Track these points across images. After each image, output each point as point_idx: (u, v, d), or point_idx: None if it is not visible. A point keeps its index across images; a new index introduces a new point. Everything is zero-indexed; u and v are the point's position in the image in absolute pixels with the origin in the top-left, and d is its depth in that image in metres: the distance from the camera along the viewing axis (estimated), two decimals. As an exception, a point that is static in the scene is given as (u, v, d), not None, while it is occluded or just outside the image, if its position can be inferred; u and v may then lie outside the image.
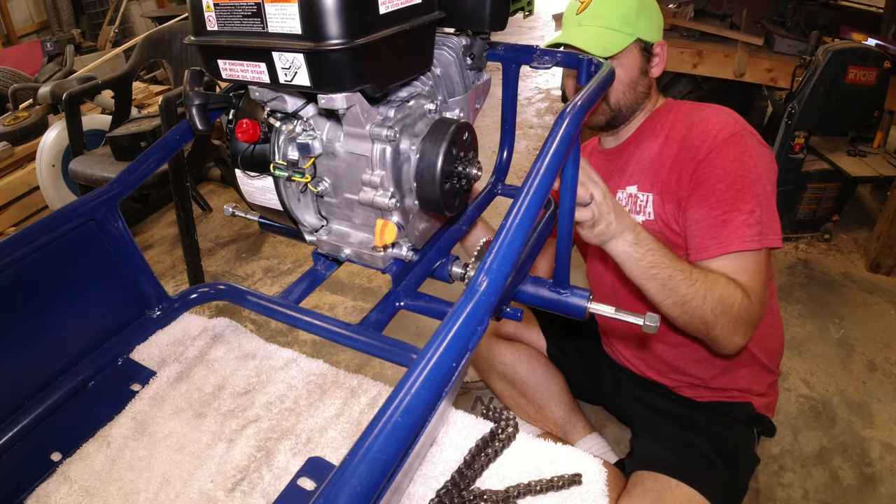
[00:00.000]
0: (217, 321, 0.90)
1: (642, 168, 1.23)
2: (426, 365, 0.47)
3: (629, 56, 1.19)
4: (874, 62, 2.37)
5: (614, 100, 1.22)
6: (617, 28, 1.17)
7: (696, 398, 1.29)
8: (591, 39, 1.15)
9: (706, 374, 1.26)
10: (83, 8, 5.78)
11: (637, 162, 1.25)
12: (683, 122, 1.19)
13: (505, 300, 0.80)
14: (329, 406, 0.74)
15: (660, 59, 1.24)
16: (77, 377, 0.79)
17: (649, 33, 1.20)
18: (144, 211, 3.26)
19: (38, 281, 0.77)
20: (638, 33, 1.18)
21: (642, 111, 1.27)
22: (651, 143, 1.23)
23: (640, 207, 1.23)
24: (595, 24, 1.18)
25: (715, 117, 1.14)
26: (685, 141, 1.15)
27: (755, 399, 1.27)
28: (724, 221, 1.05)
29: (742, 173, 1.07)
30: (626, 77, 1.20)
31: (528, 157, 3.55)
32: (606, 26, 1.17)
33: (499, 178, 1.12)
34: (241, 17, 0.63)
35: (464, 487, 0.63)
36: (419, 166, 0.74)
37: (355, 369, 2.04)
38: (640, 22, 1.18)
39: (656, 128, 1.24)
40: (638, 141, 1.27)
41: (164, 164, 0.93)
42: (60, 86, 2.80)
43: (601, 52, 1.13)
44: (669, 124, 1.22)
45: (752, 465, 1.24)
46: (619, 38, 1.16)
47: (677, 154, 1.16)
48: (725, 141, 1.09)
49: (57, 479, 0.69)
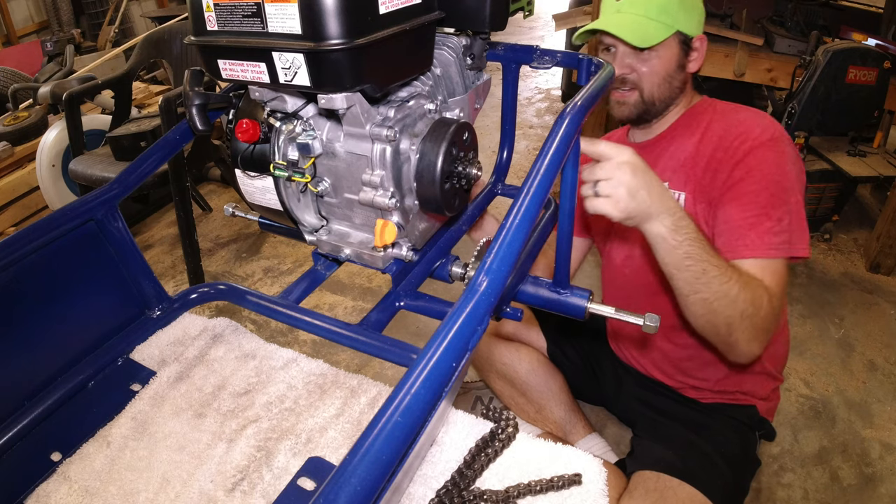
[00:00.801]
0: (217, 321, 0.90)
1: (675, 165, 1.20)
2: (426, 365, 0.47)
3: (667, 48, 1.15)
4: (874, 62, 2.37)
5: (648, 93, 1.19)
6: (656, 18, 1.13)
7: (701, 399, 1.29)
8: (629, 28, 1.12)
9: (713, 377, 1.26)
10: (83, 8, 5.77)
11: (669, 158, 1.22)
12: (721, 123, 1.16)
13: (505, 300, 0.80)
14: (329, 406, 0.74)
15: (698, 54, 1.19)
16: (77, 377, 0.79)
17: (689, 26, 1.16)
18: (144, 211, 3.26)
19: (38, 281, 0.77)
20: (678, 25, 1.14)
21: (676, 106, 1.23)
22: (685, 140, 1.20)
23: None
24: (634, 11, 1.14)
25: (754, 120, 1.12)
26: (722, 141, 1.13)
27: (759, 403, 1.27)
28: (754, 224, 1.04)
29: (778, 178, 1.05)
30: (662, 70, 1.17)
31: (528, 157, 3.55)
32: (646, 15, 1.13)
33: (499, 178, 1.12)
34: (241, 17, 0.63)
35: (464, 487, 0.63)
36: (419, 166, 0.74)
37: (355, 369, 2.04)
38: (680, 13, 1.14)
39: (691, 125, 1.21)
40: (671, 137, 1.24)
41: (164, 164, 0.93)
42: (60, 86, 2.80)
43: (638, 42, 1.11)
44: (706, 123, 1.19)
45: (754, 468, 1.24)
46: (658, 28, 1.13)
47: (713, 153, 1.13)
48: (765, 144, 1.07)
49: (57, 479, 0.69)
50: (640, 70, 1.17)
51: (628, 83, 1.19)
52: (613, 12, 1.17)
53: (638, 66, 1.17)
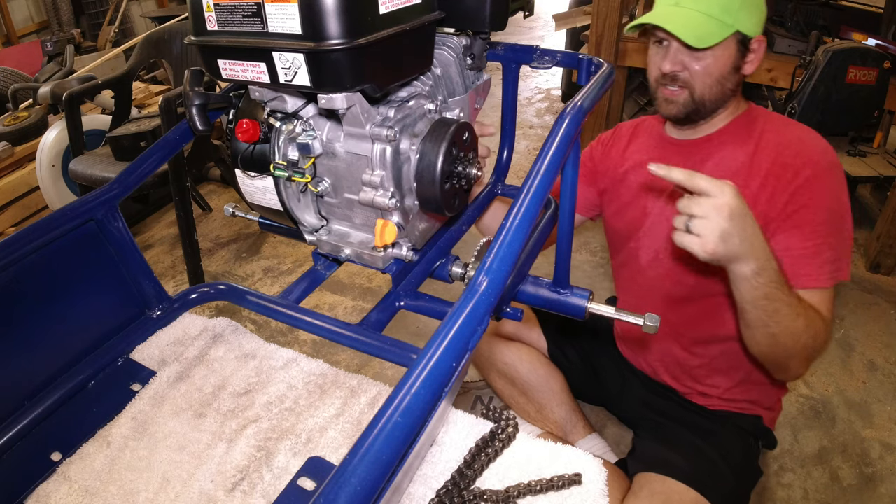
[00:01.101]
0: (217, 321, 0.90)
1: (725, 173, 1.12)
2: (426, 365, 0.47)
3: (724, 49, 1.09)
4: (874, 62, 2.37)
5: (699, 93, 1.12)
6: (717, 16, 1.06)
7: (708, 406, 1.29)
8: (687, 25, 1.06)
9: (723, 385, 1.26)
10: (83, 8, 5.78)
11: (717, 165, 1.17)
12: (774, 135, 1.13)
13: (505, 300, 0.80)
14: (329, 406, 0.74)
15: (755, 56, 1.13)
16: (77, 377, 0.79)
17: (750, 26, 1.09)
18: (144, 211, 3.26)
19: (38, 281, 0.77)
20: (738, 25, 1.07)
21: (725, 109, 1.17)
22: (737, 148, 1.15)
23: None
24: (694, 6, 1.07)
25: (810, 139, 1.10)
26: (780, 157, 1.09)
27: (764, 412, 1.27)
28: (815, 254, 1.03)
29: (837, 207, 1.05)
30: (717, 71, 1.11)
31: (528, 157, 3.55)
32: (706, 12, 1.06)
33: (499, 178, 1.12)
34: (241, 17, 0.63)
35: (464, 487, 0.63)
36: (419, 166, 0.74)
37: (355, 369, 2.04)
38: (742, 12, 1.07)
39: (742, 133, 1.16)
40: (720, 142, 1.18)
41: (164, 164, 0.93)
42: (60, 86, 2.80)
43: (695, 42, 1.06)
44: (758, 132, 1.15)
45: (756, 478, 1.24)
46: (717, 28, 1.06)
47: (769, 169, 1.09)
48: (826, 170, 1.05)
49: (57, 479, 0.69)
50: (692, 69, 1.12)
51: (679, 81, 1.13)
52: (672, 4, 1.10)
53: (691, 65, 1.11)
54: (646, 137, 1.32)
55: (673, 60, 1.12)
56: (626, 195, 1.31)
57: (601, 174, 1.38)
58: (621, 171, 1.32)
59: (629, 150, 1.33)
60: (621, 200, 1.32)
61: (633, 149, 1.33)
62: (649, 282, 1.29)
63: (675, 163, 1.19)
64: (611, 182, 1.35)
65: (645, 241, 1.28)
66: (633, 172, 1.30)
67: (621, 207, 1.33)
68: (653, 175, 1.10)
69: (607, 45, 2.78)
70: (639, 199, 1.28)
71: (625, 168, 1.32)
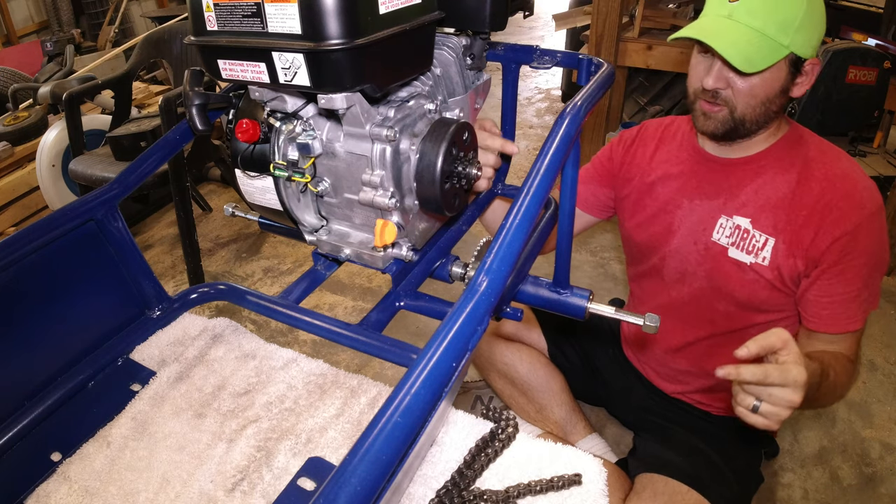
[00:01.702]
0: (217, 321, 0.90)
1: (765, 204, 1.08)
2: (426, 365, 0.47)
3: (775, 71, 1.00)
4: (874, 62, 2.37)
5: (741, 113, 1.04)
6: (773, 35, 0.96)
7: (713, 412, 1.29)
8: (737, 44, 0.96)
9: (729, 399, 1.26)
10: (83, 8, 5.77)
11: (756, 192, 1.10)
12: (820, 167, 1.06)
13: (505, 300, 0.80)
14: (329, 406, 0.74)
15: (806, 80, 1.04)
16: (77, 377, 0.79)
17: (806, 48, 0.99)
18: (144, 211, 3.26)
19: (38, 281, 0.77)
20: (793, 47, 0.97)
21: (766, 129, 1.09)
22: (778, 176, 1.08)
23: (752, 247, 1.09)
24: (749, 22, 0.97)
25: (858, 178, 1.04)
26: (826, 195, 1.03)
27: None
28: (855, 298, 1.03)
29: (880, 251, 1.04)
30: (763, 93, 1.02)
31: (528, 157, 3.55)
32: (761, 29, 0.96)
33: (499, 178, 1.12)
34: (240, 17, 0.63)
35: (464, 487, 0.63)
36: (419, 166, 0.74)
37: (355, 369, 2.04)
38: (800, 33, 0.96)
39: (784, 160, 1.09)
40: (760, 166, 1.10)
41: (164, 164, 0.93)
42: (60, 86, 2.80)
43: (744, 66, 0.96)
44: (801, 161, 1.07)
45: (758, 484, 1.24)
46: (770, 49, 0.96)
47: (814, 206, 1.04)
48: (873, 215, 1.02)
49: (57, 479, 0.69)
50: (736, 87, 1.03)
51: (720, 98, 1.05)
52: (723, 16, 1.00)
53: (735, 83, 1.02)
54: (676, 146, 1.23)
55: (717, 77, 1.03)
56: (651, 207, 1.24)
57: (622, 178, 1.30)
58: (648, 181, 1.24)
59: (657, 156, 1.25)
60: (646, 212, 1.25)
61: (661, 156, 1.24)
62: (672, 300, 1.24)
63: (709, 181, 1.15)
64: (635, 190, 1.27)
65: (671, 261, 1.22)
66: (660, 184, 1.22)
67: (645, 220, 1.25)
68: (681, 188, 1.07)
69: (607, 45, 2.78)
70: (665, 214, 1.21)
71: (652, 178, 1.24)
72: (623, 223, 1.34)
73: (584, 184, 1.34)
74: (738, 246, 1.11)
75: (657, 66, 2.79)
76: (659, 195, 1.22)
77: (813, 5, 0.97)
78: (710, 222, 1.14)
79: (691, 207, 1.17)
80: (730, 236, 1.12)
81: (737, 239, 1.11)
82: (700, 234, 1.16)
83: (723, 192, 1.14)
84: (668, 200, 1.21)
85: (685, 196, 1.18)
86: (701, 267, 1.17)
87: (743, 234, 1.10)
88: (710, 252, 1.15)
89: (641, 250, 1.29)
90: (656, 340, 1.31)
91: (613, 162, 1.32)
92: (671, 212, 1.20)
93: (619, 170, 1.31)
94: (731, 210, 1.12)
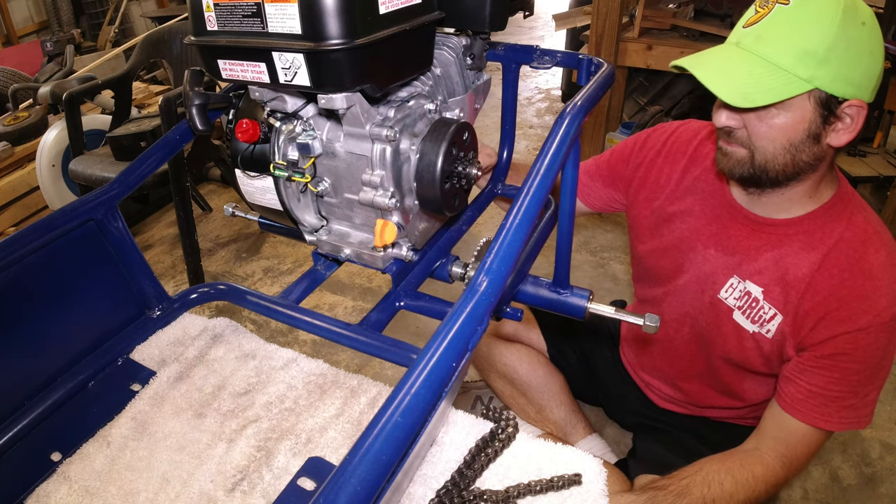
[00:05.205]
0: (217, 321, 0.90)
1: (781, 278, 0.99)
2: (426, 365, 0.47)
3: (796, 109, 0.85)
4: (874, 62, 2.36)
5: (760, 157, 0.91)
6: (788, 67, 0.82)
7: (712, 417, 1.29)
8: (731, 77, 0.84)
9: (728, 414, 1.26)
10: (83, 8, 5.77)
11: (776, 263, 0.99)
12: (849, 255, 0.94)
13: (505, 300, 0.80)
14: (329, 406, 0.74)
15: (851, 125, 0.86)
16: (77, 377, 0.79)
17: (839, 85, 0.82)
18: (144, 211, 3.26)
19: (38, 281, 0.77)
20: (818, 82, 0.81)
21: (801, 184, 0.94)
22: (802, 253, 0.97)
23: (758, 318, 1.02)
24: (755, 49, 0.84)
25: (883, 279, 0.92)
26: (842, 289, 0.93)
27: None
28: (837, 399, 0.95)
29: (881, 361, 0.94)
30: (783, 135, 0.87)
31: (528, 157, 3.55)
32: (772, 60, 0.83)
33: (499, 178, 1.12)
34: (241, 17, 0.63)
35: (464, 487, 0.63)
36: (419, 166, 0.74)
37: (355, 369, 2.04)
38: (825, 67, 0.81)
39: (815, 235, 0.96)
40: (787, 235, 0.99)
41: (164, 164, 0.93)
42: (60, 86, 2.80)
43: (737, 101, 0.83)
44: (833, 241, 0.95)
45: None
46: (782, 82, 0.82)
47: (827, 297, 0.94)
48: (884, 325, 0.91)
49: (57, 479, 0.69)
50: (752, 127, 0.89)
51: (734, 138, 0.93)
52: (732, 43, 0.88)
53: (750, 122, 0.89)
54: (705, 186, 1.10)
55: (728, 114, 0.91)
56: (667, 238, 1.16)
57: (637, 192, 1.22)
58: (670, 211, 1.14)
59: (683, 184, 1.14)
60: (661, 242, 1.17)
61: (687, 184, 1.13)
62: (669, 337, 1.21)
63: (729, 235, 1.06)
64: (655, 213, 1.18)
65: (673, 299, 1.17)
66: (680, 218, 1.13)
67: (658, 249, 1.18)
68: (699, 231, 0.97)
69: (607, 45, 2.78)
70: (677, 251, 1.14)
71: (674, 209, 1.14)
72: (636, 241, 1.27)
73: (589, 177, 1.32)
74: (744, 312, 1.04)
75: (657, 66, 2.80)
76: (675, 229, 1.14)
77: (847, 32, 0.80)
78: (721, 279, 1.07)
79: (705, 256, 1.10)
80: (738, 299, 1.05)
81: (745, 305, 1.04)
82: (708, 287, 1.10)
83: (740, 252, 1.04)
84: (683, 238, 1.13)
85: (700, 241, 1.10)
86: (702, 316, 1.13)
87: (752, 303, 1.03)
88: (715, 308, 1.09)
89: (650, 276, 1.25)
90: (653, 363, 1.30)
91: (629, 166, 1.24)
92: (684, 252, 1.13)
93: (632, 180, 1.23)
94: (745, 273, 1.03)
